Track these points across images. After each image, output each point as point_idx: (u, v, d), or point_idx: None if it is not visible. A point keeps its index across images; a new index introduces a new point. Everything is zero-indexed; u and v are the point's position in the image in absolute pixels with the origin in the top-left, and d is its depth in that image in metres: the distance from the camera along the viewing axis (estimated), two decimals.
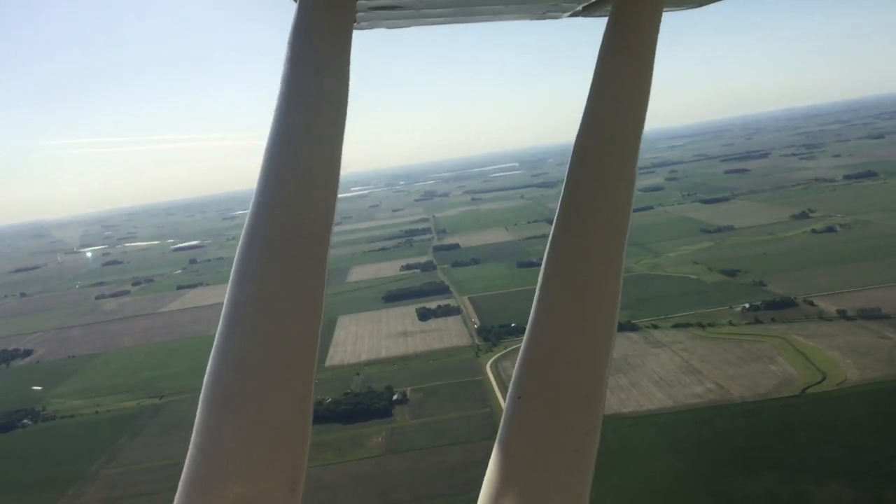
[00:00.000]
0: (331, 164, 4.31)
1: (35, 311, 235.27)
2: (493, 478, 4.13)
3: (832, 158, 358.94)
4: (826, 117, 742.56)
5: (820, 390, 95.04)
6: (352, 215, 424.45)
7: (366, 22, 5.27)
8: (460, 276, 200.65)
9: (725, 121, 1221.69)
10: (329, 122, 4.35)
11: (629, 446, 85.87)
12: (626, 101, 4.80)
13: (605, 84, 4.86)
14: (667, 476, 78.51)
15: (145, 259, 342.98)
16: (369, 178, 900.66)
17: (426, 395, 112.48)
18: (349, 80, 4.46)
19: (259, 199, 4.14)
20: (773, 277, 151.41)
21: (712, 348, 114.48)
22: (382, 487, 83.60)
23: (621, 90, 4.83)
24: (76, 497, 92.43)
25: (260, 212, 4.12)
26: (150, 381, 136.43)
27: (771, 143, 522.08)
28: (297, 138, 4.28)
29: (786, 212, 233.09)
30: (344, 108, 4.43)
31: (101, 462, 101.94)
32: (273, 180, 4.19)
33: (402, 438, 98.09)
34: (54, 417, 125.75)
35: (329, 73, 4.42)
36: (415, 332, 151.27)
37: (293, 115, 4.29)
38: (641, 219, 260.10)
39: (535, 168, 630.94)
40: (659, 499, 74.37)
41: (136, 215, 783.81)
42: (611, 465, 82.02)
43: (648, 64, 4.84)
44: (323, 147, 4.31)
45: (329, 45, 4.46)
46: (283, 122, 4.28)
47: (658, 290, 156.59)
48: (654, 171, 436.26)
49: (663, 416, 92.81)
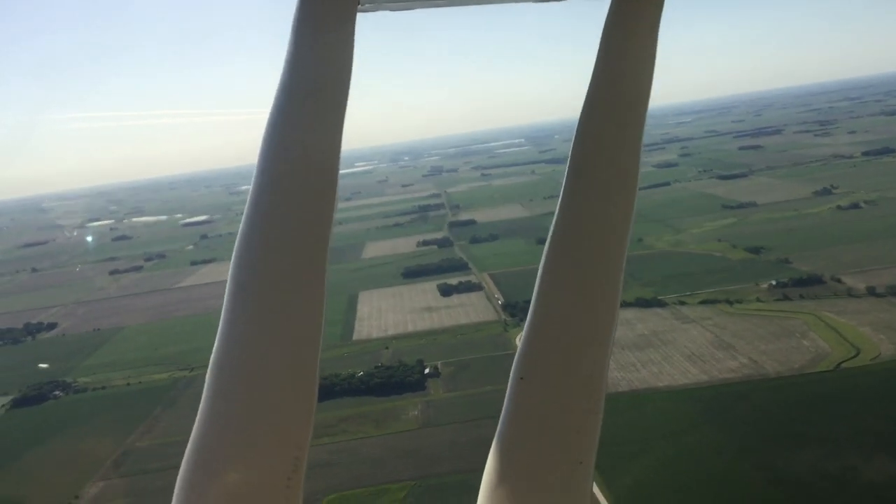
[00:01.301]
0: (331, 152, 4.33)
1: (51, 286, 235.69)
2: (497, 457, 4.18)
3: (848, 135, 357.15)
4: (834, 94, 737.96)
5: (854, 365, 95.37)
6: (360, 191, 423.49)
7: (370, 4, 5.19)
8: (479, 253, 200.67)
9: (730, 98, 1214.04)
10: (330, 108, 4.38)
11: (668, 420, 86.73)
12: (630, 78, 4.85)
13: (610, 61, 4.88)
14: (709, 449, 79.02)
15: (154, 234, 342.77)
16: (372, 154, 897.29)
17: (458, 368, 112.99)
18: (353, 63, 4.50)
19: (260, 180, 4.23)
20: (798, 254, 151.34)
21: (742, 324, 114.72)
22: (426, 461, 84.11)
23: (626, 67, 4.87)
24: (117, 467, 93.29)
25: (261, 194, 4.19)
26: (177, 354, 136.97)
27: (781, 119, 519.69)
28: (299, 124, 4.31)
29: (807, 188, 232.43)
30: (346, 92, 4.46)
31: (139, 433, 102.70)
32: (273, 163, 4.26)
33: (438, 412, 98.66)
34: (86, 389, 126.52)
35: (333, 56, 4.45)
36: (438, 307, 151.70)
37: (296, 97, 4.33)
38: (659, 195, 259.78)
39: (542, 144, 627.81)
40: (703, 472, 74.70)
41: (139, 189, 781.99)
42: (651, 439, 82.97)
43: (652, 42, 4.88)
44: (324, 134, 4.34)
45: (333, 28, 4.47)
46: (283, 109, 4.31)
47: (683, 266, 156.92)
48: (665, 147, 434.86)
49: (699, 391, 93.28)
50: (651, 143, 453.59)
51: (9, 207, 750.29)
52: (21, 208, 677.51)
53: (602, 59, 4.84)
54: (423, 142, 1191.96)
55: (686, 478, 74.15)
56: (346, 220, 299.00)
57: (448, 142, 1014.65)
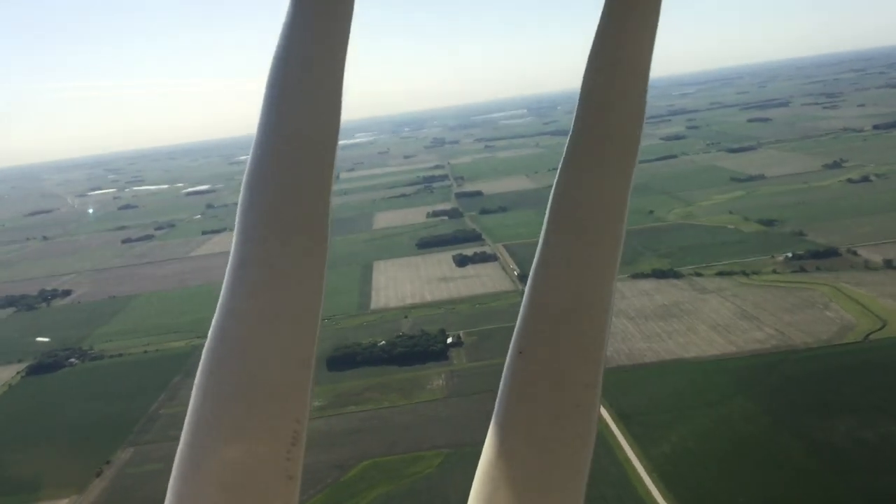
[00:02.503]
0: (329, 123, 4.27)
1: (63, 254, 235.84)
2: (496, 431, 4.14)
3: (856, 108, 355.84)
4: (837, 67, 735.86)
5: (882, 336, 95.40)
6: (363, 161, 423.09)
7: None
8: (490, 224, 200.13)
9: (732, 69, 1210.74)
10: (328, 77, 4.30)
11: (701, 390, 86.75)
12: (631, 47, 4.69)
13: (610, 32, 4.74)
14: (745, 419, 79.18)
15: (160, 203, 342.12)
16: (371, 125, 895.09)
17: (480, 338, 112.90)
18: (350, 32, 4.39)
19: (258, 151, 4.16)
20: (812, 227, 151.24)
21: (762, 295, 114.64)
22: (457, 429, 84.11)
23: (627, 37, 4.72)
24: (143, 433, 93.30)
25: (260, 164, 4.14)
26: (194, 322, 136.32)
27: (787, 91, 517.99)
28: (295, 95, 4.24)
29: (817, 161, 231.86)
30: (343, 61, 4.36)
31: (161, 400, 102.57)
32: (271, 135, 4.19)
33: (463, 381, 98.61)
34: (102, 357, 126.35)
35: (329, 25, 4.36)
36: (455, 277, 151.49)
37: (292, 67, 4.28)
38: (667, 167, 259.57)
39: (545, 115, 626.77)
40: (741, 440, 74.86)
41: (136, 159, 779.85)
42: (687, 408, 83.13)
43: (654, 11, 4.73)
44: (322, 105, 4.27)
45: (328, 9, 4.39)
46: (280, 80, 4.25)
47: (696, 238, 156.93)
48: (670, 119, 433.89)
49: (729, 362, 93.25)
50: (657, 115, 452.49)
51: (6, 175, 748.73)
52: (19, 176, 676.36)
53: (602, 32, 4.71)
54: (423, 113, 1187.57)
55: (724, 446, 74.33)
56: (352, 191, 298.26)
57: (448, 113, 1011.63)
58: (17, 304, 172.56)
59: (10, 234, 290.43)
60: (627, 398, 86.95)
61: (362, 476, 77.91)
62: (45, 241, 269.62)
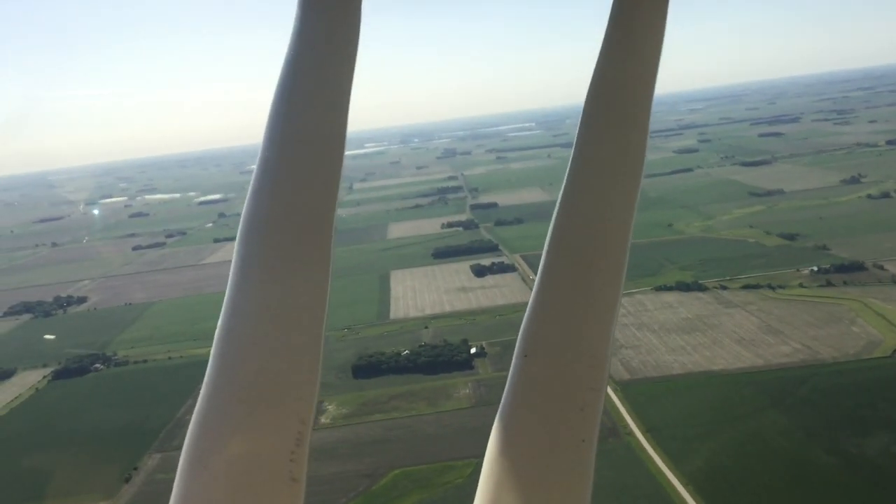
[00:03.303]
0: (337, 131, 4.31)
1: (74, 260, 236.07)
2: (500, 434, 4.18)
3: (868, 124, 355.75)
4: (847, 84, 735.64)
5: None
6: (375, 171, 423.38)
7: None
8: (506, 235, 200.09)
9: (739, 86, 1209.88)
10: (336, 87, 4.37)
11: (731, 404, 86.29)
12: (637, 64, 4.77)
13: (616, 46, 4.82)
14: (776, 433, 78.68)
15: (171, 212, 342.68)
16: (381, 136, 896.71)
17: (504, 348, 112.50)
18: (359, 42, 4.48)
19: (265, 157, 4.22)
20: (835, 241, 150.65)
21: (788, 310, 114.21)
22: (486, 438, 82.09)
23: (632, 53, 4.79)
24: (169, 440, 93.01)
25: (267, 170, 4.19)
26: (213, 329, 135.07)
27: (797, 107, 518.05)
28: (304, 104, 4.27)
29: (834, 176, 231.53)
30: (351, 72, 4.42)
31: (187, 407, 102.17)
32: (279, 143, 4.22)
33: (490, 390, 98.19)
34: (126, 363, 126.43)
35: (338, 35, 4.43)
36: (474, 287, 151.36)
37: (301, 77, 4.33)
38: (683, 181, 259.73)
39: (553, 128, 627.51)
40: (774, 455, 74.41)
41: (147, 167, 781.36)
42: (717, 422, 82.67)
43: (659, 30, 4.82)
44: (330, 113, 4.32)
45: (338, 6, 4.48)
46: (288, 89, 4.30)
47: (717, 251, 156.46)
48: (682, 133, 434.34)
49: (757, 375, 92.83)
50: (668, 129, 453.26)
51: (17, 182, 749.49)
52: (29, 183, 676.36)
53: (608, 46, 4.83)
54: (432, 124, 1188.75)
55: (758, 460, 73.77)
56: (365, 201, 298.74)
57: (456, 125, 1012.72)
58: (33, 310, 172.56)
59: (20, 241, 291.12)
60: (655, 410, 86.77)
61: (393, 485, 77.55)
62: (54, 248, 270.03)
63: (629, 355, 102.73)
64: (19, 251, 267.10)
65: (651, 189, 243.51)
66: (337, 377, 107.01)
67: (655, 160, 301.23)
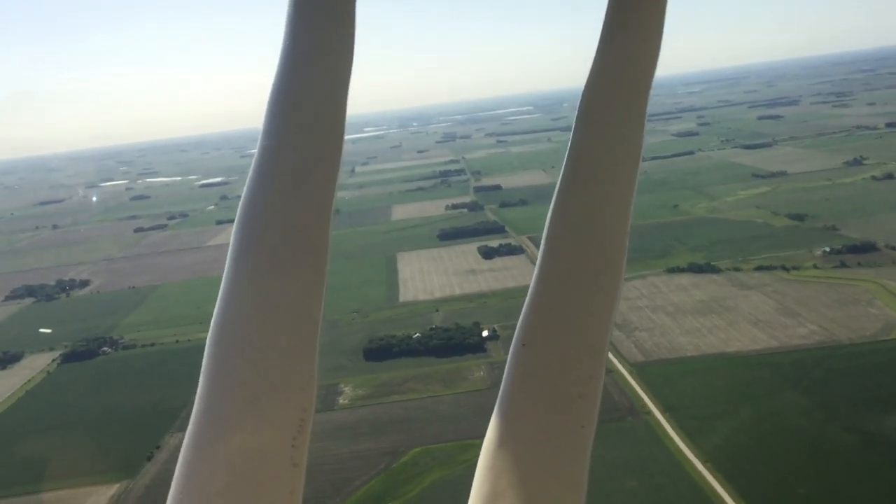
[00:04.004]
0: (335, 116, 4.24)
1: (76, 243, 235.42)
2: (499, 423, 4.17)
3: (867, 106, 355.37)
4: (845, 66, 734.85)
5: None
6: (376, 155, 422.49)
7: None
8: (512, 217, 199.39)
9: (737, 68, 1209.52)
10: (334, 72, 4.30)
11: (748, 385, 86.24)
12: (637, 45, 4.73)
13: (616, 30, 4.75)
14: (795, 413, 78.72)
15: (173, 194, 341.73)
16: (379, 120, 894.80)
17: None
18: (355, 29, 4.38)
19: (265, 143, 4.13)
20: (844, 222, 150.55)
21: (805, 291, 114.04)
22: None
23: (633, 35, 4.74)
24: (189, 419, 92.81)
25: (267, 155, 4.12)
26: None
27: (796, 90, 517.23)
28: (303, 89, 4.23)
29: (836, 158, 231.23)
30: (350, 57, 4.36)
31: None
32: (278, 128, 4.17)
33: (503, 372, 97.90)
34: (134, 346, 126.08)
35: (335, 22, 4.34)
36: (482, 269, 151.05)
37: (299, 63, 4.27)
38: (685, 163, 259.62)
39: (552, 111, 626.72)
40: (792, 435, 74.44)
41: (146, 151, 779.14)
42: (734, 402, 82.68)
43: (659, 15, 4.74)
44: (329, 99, 4.25)
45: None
46: (287, 74, 4.23)
47: (727, 232, 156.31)
48: (680, 116, 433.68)
49: (772, 356, 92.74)
50: (667, 113, 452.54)
51: (14, 166, 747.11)
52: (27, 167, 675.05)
53: (605, 39, 4.74)
54: (430, 108, 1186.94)
55: (776, 439, 73.93)
56: (368, 184, 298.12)
57: (454, 109, 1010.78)
58: (36, 293, 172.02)
59: (20, 223, 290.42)
60: (672, 391, 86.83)
61: (414, 462, 77.84)
62: (55, 230, 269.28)
63: (643, 337, 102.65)
64: (20, 234, 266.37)
65: (654, 171, 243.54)
66: (349, 360, 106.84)
67: (655, 143, 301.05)
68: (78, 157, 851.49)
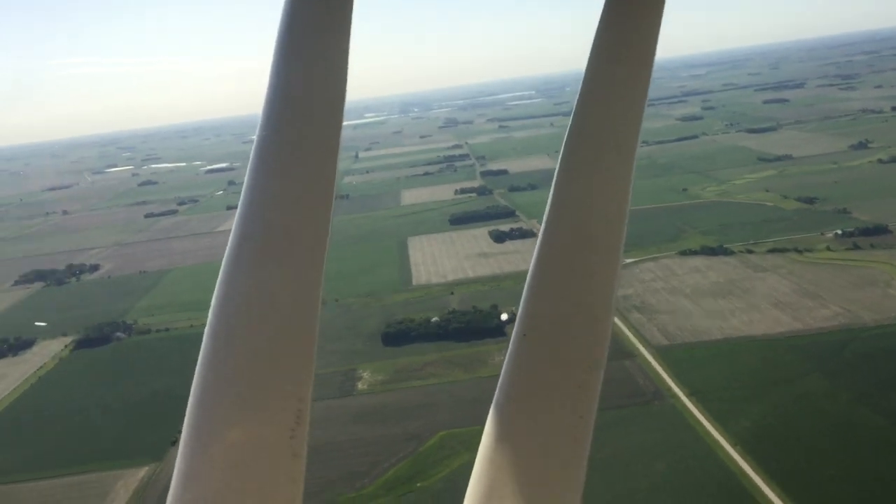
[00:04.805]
0: (334, 104, 4.20)
1: (86, 228, 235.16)
2: (499, 412, 4.22)
3: (874, 90, 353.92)
4: (849, 48, 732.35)
5: None
6: (379, 141, 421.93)
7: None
8: (522, 201, 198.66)
9: (740, 50, 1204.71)
10: (333, 57, 4.24)
11: (773, 368, 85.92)
12: (637, 25, 4.67)
13: (615, 11, 4.69)
14: (823, 395, 78.45)
15: (180, 180, 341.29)
16: (379, 105, 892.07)
17: None
18: (352, 15, 4.30)
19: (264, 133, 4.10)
20: (854, 205, 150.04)
21: (820, 273, 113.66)
22: None
23: (633, 16, 4.68)
24: None
25: (267, 145, 4.09)
26: None
27: (800, 72, 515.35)
28: (301, 75, 4.19)
29: (842, 142, 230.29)
30: (346, 43, 4.28)
31: None
32: (277, 116, 4.13)
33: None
34: (148, 331, 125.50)
35: (332, 10, 4.27)
36: (495, 253, 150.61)
37: (297, 50, 4.22)
38: (691, 147, 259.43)
39: (554, 96, 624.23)
40: (823, 416, 74.25)
41: (147, 138, 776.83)
42: (760, 386, 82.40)
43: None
44: (327, 84, 4.20)
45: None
46: (286, 59, 4.20)
47: (737, 215, 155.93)
48: (685, 100, 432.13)
49: (797, 339, 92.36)
50: (671, 96, 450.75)
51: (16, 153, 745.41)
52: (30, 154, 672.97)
53: (606, 13, 4.69)
54: (430, 93, 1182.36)
55: (805, 422, 73.70)
56: (374, 169, 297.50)
57: (454, 93, 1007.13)
58: (45, 278, 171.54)
59: (29, 209, 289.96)
60: (697, 375, 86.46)
61: (441, 446, 77.60)
62: (64, 216, 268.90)
63: (665, 320, 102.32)
64: (29, 219, 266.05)
65: (659, 156, 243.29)
66: (365, 344, 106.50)
67: (660, 128, 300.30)
68: (78, 143, 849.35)
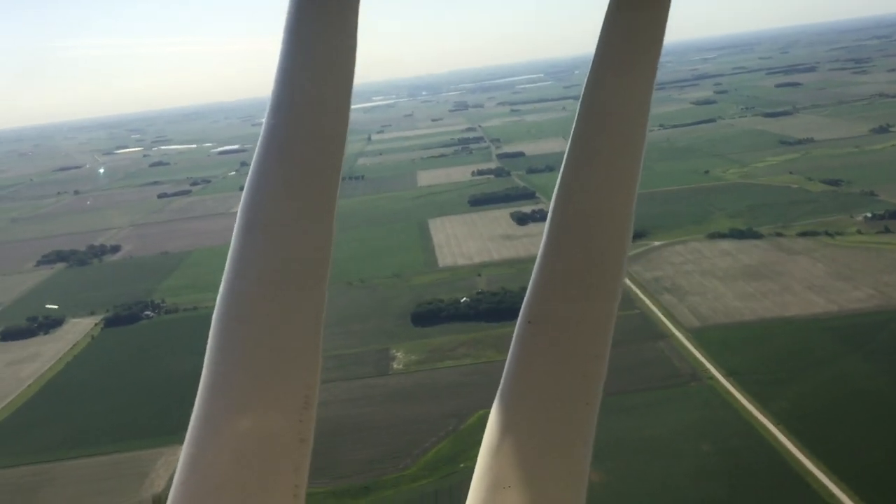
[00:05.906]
0: (342, 89, 4.16)
1: (101, 208, 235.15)
2: (504, 399, 4.27)
3: (887, 73, 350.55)
4: (860, 32, 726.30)
5: None
6: (390, 123, 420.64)
7: None
8: (541, 183, 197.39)
9: (750, 34, 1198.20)
10: (340, 41, 4.18)
11: (809, 349, 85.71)
12: (644, 19, 4.58)
13: (622, 1, 4.58)
14: (860, 378, 78.23)
15: (191, 161, 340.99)
16: (388, 88, 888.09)
17: None
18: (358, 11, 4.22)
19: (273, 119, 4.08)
20: (881, 188, 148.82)
21: (852, 256, 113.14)
22: None
23: (641, 6, 4.57)
24: None
25: (275, 129, 4.06)
26: None
27: (811, 57, 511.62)
28: (309, 61, 4.14)
29: (861, 126, 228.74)
30: (355, 29, 4.20)
31: None
32: (285, 101, 4.09)
33: None
34: (176, 310, 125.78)
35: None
36: (518, 235, 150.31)
37: (305, 36, 4.14)
38: (708, 131, 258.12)
39: (563, 79, 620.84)
40: (860, 397, 74.06)
41: (155, 120, 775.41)
42: (798, 367, 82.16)
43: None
44: (335, 70, 4.17)
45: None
46: (294, 47, 4.15)
47: (763, 198, 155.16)
48: (697, 83, 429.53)
49: (832, 321, 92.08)
50: (682, 80, 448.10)
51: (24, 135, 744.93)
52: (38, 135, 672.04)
53: (614, 2, 4.60)
54: (437, 77, 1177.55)
55: (846, 402, 73.54)
56: (388, 151, 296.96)
57: (462, 77, 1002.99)
58: (67, 259, 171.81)
59: (42, 189, 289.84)
60: (733, 356, 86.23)
61: (481, 425, 74.61)
62: (77, 196, 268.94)
63: (696, 302, 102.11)
64: (43, 199, 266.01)
65: (677, 139, 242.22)
66: (395, 325, 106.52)
67: (673, 112, 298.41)
68: (85, 125, 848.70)
